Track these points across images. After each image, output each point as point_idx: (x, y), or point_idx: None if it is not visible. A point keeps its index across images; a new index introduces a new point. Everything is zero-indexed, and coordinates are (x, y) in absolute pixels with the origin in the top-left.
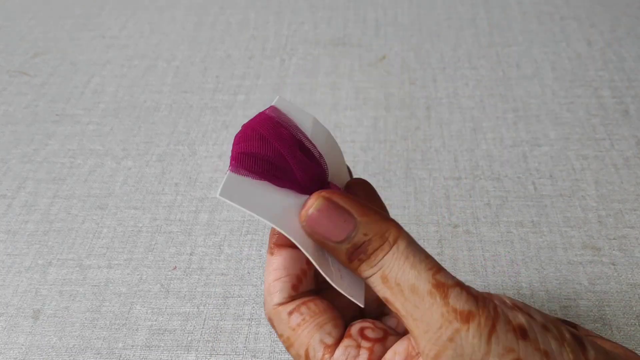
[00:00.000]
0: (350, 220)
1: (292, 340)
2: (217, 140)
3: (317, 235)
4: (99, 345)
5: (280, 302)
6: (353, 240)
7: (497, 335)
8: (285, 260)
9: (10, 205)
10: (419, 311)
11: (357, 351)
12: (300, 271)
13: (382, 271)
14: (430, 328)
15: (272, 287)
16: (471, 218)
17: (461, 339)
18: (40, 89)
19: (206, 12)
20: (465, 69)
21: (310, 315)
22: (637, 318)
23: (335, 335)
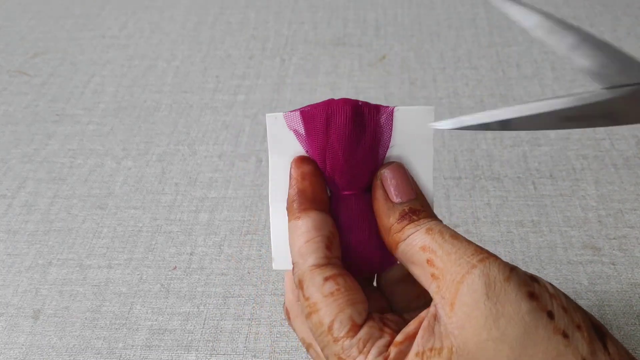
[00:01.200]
0: (413, 190)
1: (319, 307)
2: (217, 140)
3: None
4: (99, 345)
5: (316, 263)
6: (412, 205)
7: (517, 272)
8: (314, 221)
9: (10, 205)
10: (455, 248)
11: (381, 334)
12: (330, 233)
13: (427, 226)
14: (463, 256)
15: (304, 248)
16: (471, 218)
17: (489, 263)
18: (40, 89)
19: (206, 12)
20: (465, 69)
21: (345, 288)
22: (637, 318)
23: (364, 317)
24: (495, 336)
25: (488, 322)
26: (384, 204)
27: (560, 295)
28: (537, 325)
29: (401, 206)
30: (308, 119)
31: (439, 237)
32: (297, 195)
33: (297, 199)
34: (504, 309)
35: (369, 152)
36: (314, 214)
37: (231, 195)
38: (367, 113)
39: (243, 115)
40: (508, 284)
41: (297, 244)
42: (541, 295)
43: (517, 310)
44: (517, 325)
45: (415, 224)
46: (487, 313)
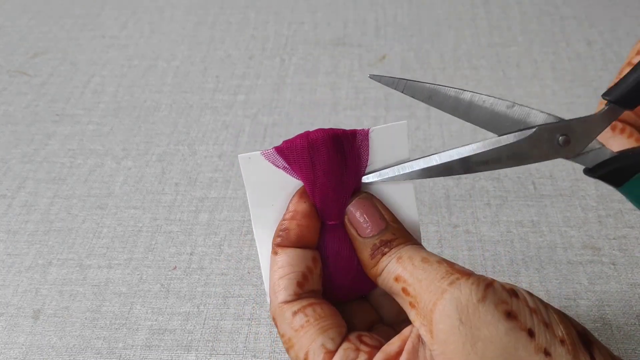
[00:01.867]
0: (382, 220)
1: (293, 342)
2: (217, 140)
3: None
4: (99, 345)
5: (285, 299)
6: (382, 237)
7: (494, 289)
8: (290, 258)
9: (10, 205)
10: (425, 273)
11: (356, 354)
12: (306, 269)
13: (397, 255)
14: (433, 281)
15: (277, 285)
16: (471, 218)
17: (460, 284)
18: (40, 89)
19: (206, 12)
20: (465, 69)
21: (315, 318)
22: (637, 318)
23: (338, 342)
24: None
25: (466, 347)
26: (356, 239)
27: (541, 309)
28: (517, 347)
29: (372, 240)
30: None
31: (408, 264)
32: (282, 232)
33: (281, 236)
34: (480, 332)
35: (354, 180)
36: (291, 251)
37: (231, 195)
38: (345, 141)
39: (243, 115)
40: (483, 304)
41: (272, 280)
42: (520, 313)
43: (495, 333)
44: (496, 348)
45: (387, 255)
46: (464, 338)
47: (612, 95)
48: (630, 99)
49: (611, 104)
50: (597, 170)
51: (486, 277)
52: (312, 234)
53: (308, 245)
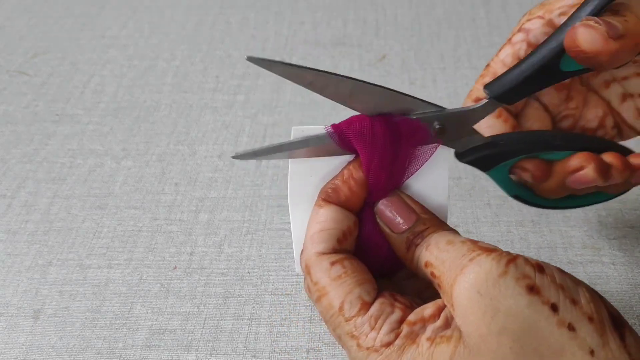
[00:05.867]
0: (414, 214)
1: (327, 290)
2: (217, 140)
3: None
4: (99, 345)
5: (323, 251)
6: (414, 229)
7: (516, 264)
8: (334, 214)
9: (10, 205)
10: (450, 254)
11: (392, 309)
12: (347, 228)
13: (427, 243)
14: (454, 260)
15: (317, 235)
16: (471, 218)
17: (480, 259)
18: (40, 89)
19: (206, 12)
20: (465, 69)
21: (352, 270)
22: (637, 318)
23: (373, 296)
24: (496, 330)
25: (486, 318)
26: (390, 236)
27: (569, 285)
28: (538, 319)
29: (405, 234)
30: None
31: (434, 249)
32: (331, 190)
33: (329, 192)
34: (501, 304)
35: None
36: (336, 208)
37: (231, 195)
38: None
39: (243, 115)
40: (503, 279)
41: (312, 230)
42: (543, 287)
43: (515, 305)
44: (517, 320)
45: (419, 246)
46: (484, 309)
47: (492, 90)
48: (509, 96)
49: (490, 98)
50: (466, 155)
51: (511, 253)
52: (358, 202)
53: (352, 209)
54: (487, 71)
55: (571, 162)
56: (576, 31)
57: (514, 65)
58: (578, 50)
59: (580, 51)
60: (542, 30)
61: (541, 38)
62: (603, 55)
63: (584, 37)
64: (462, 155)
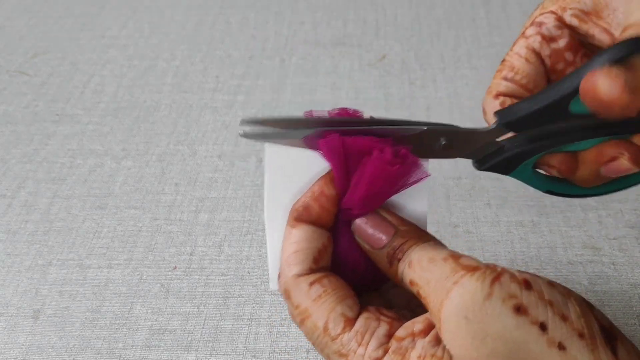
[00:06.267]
0: (391, 227)
1: (310, 312)
2: (217, 140)
3: (362, 242)
4: (99, 345)
5: (300, 272)
6: (393, 244)
7: (501, 283)
8: (307, 233)
9: (10, 205)
10: (433, 274)
11: (378, 323)
12: (322, 246)
13: (409, 260)
14: (438, 281)
15: (292, 257)
16: (471, 218)
17: (464, 282)
18: (40, 89)
19: (206, 12)
20: (465, 69)
21: (332, 288)
22: (637, 318)
23: (355, 311)
24: (486, 354)
25: (475, 342)
26: (371, 252)
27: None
28: (528, 340)
29: (385, 250)
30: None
31: (417, 267)
32: (302, 208)
33: (299, 210)
34: (489, 327)
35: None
36: (309, 227)
37: (231, 195)
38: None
39: (243, 115)
40: (489, 301)
41: (287, 252)
42: (531, 306)
43: (503, 327)
44: (506, 342)
45: (402, 261)
46: (472, 334)
47: (503, 118)
48: (517, 125)
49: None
50: (484, 162)
51: (495, 268)
52: (330, 218)
53: (324, 226)
54: (504, 65)
55: (602, 151)
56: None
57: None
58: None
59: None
60: (554, 24)
61: (554, 32)
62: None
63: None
64: (480, 164)
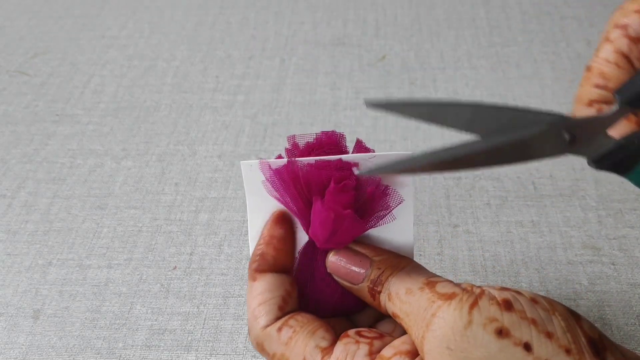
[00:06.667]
0: (365, 260)
1: (287, 356)
2: (217, 140)
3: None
4: (99, 345)
5: (267, 324)
6: (370, 277)
7: (479, 308)
8: (269, 284)
9: (10, 205)
10: (411, 306)
11: (357, 346)
12: (285, 292)
13: (388, 292)
14: (417, 314)
15: (257, 311)
16: (471, 218)
17: (443, 312)
18: (40, 89)
19: (206, 12)
20: (465, 69)
21: (300, 326)
22: (637, 318)
23: (329, 339)
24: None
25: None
26: (352, 288)
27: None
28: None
29: (364, 284)
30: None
31: (397, 300)
32: (258, 257)
33: (257, 260)
34: (472, 354)
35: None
36: (269, 276)
37: (231, 195)
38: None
39: (243, 115)
40: (469, 329)
41: (252, 306)
42: (513, 327)
43: (487, 353)
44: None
45: (382, 293)
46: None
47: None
48: None
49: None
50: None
51: (472, 291)
52: (289, 257)
53: (285, 268)
54: (591, 73)
55: None
56: None
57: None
58: None
59: None
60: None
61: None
62: None
63: None
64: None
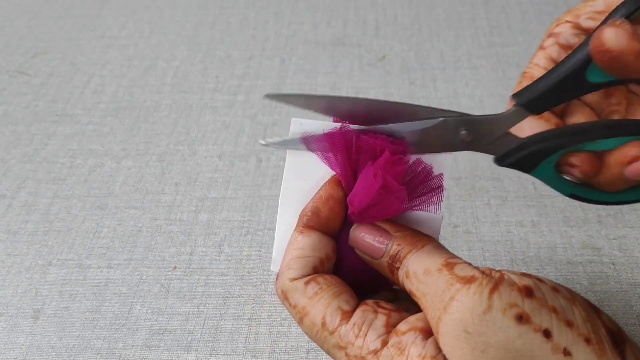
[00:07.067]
0: (386, 235)
1: (307, 310)
2: (217, 140)
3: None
4: (99, 345)
5: (297, 277)
6: (389, 252)
7: (500, 293)
8: (313, 241)
9: (10, 205)
10: (429, 286)
11: (375, 315)
12: (325, 256)
13: (405, 270)
14: (435, 295)
15: (293, 262)
16: (471, 218)
17: (462, 296)
18: (40, 89)
19: (206, 12)
20: (465, 69)
21: (327, 285)
22: (637, 318)
23: (352, 304)
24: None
25: (476, 353)
26: (373, 263)
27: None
28: (532, 348)
29: (384, 259)
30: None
31: (414, 279)
32: (311, 212)
33: (309, 216)
34: (490, 339)
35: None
36: (316, 234)
37: (231, 195)
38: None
39: (243, 115)
40: (489, 314)
41: (289, 256)
42: (534, 314)
43: (506, 337)
44: (509, 352)
45: (400, 270)
46: (473, 345)
47: (521, 99)
48: (537, 105)
49: (518, 106)
50: (504, 158)
51: (492, 276)
52: (339, 222)
53: (332, 232)
54: (524, 77)
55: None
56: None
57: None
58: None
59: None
60: (571, 32)
61: (571, 39)
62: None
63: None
64: (501, 160)
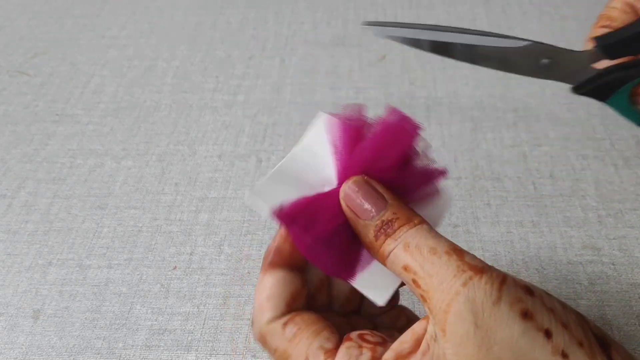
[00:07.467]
0: (382, 200)
1: (289, 353)
2: (217, 140)
3: (349, 211)
4: (99, 345)
5: (273, 318)
6: (383, 217)
7: (508, 286)
8: (280, 279)
9: (10, 205)
10: (435, 267)
11: (359, 351)
12: (295, 290)
13: (404, 241)
14: (445, 279)
15: (264, 304)
16: (471, 218)
17: (474, 284)
18: (40, 89)
19: (206, 12)
20: (465, 69)
21: (306, 324)
22: (637, 318)
23: (334, 341)
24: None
25: (482, 351)
26: (357, 223)
27: (558, 309)
28: (534, 347)
29: (372, 222)
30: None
31: (417, 254)
32: (273, 252)
33: (271, 255)
34: (497, 335)
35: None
36: (282, 271)
37: (231, 195)
38: None
39: (243, 115)
40: (498, 307)
41: (259, 299)
42: (536, 312)
43: (510, 334)
44: (512, 350)
45: (392, 238)
46: (480, 342)
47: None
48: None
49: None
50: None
51: (499, 272)
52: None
53: (298, 265)
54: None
55: None
56: None
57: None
58: None
59: None
60: None
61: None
62: None
63: None
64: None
